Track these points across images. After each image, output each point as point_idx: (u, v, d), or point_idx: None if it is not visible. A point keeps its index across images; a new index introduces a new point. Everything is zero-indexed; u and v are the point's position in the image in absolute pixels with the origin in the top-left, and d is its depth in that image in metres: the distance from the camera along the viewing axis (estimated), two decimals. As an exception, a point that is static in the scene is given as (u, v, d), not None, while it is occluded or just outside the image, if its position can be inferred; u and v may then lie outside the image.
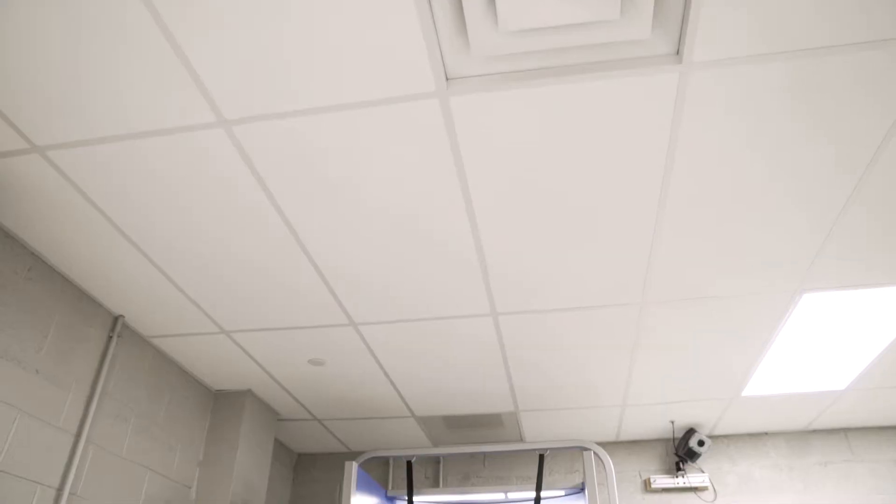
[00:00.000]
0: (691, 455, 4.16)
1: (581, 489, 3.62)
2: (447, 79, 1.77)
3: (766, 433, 4.38)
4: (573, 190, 2.16)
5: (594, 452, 3.20)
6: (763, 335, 3.07)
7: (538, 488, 3.35)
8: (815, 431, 4.33)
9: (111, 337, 2.95)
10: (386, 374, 3.48)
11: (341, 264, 2.58)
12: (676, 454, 4.25)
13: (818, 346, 3.17)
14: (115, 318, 3.00)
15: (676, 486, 4.23)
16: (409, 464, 3.54)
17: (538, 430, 4.30)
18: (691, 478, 4.24)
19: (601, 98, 1.81)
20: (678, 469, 4.26)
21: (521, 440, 4.42)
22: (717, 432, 4.34)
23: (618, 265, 2.57)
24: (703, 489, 4.25)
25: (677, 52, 1.69)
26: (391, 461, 4.67)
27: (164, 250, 2.53)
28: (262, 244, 2.47)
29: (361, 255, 2.52)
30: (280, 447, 4.58)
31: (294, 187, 2.17)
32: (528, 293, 2.75)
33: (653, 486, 4.26)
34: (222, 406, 3.74)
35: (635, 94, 1.79)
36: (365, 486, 3.41)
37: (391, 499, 3.88)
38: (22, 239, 2.49)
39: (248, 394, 3.74)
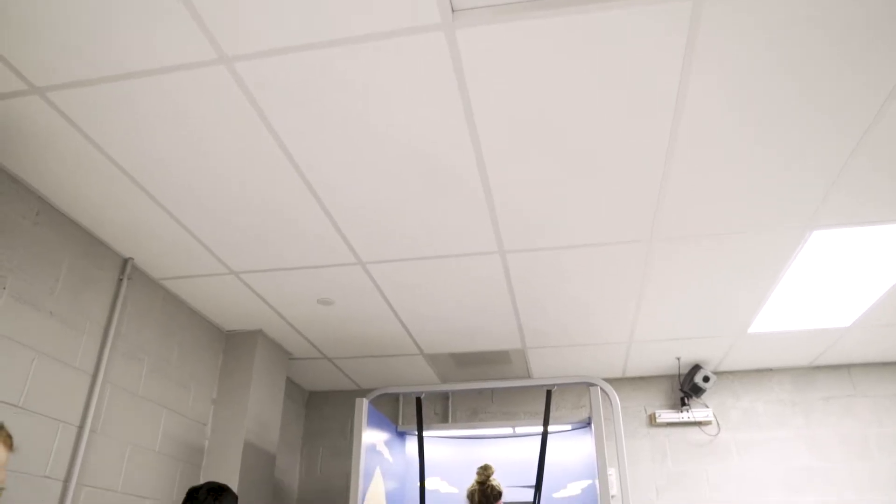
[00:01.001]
0: (696, 391, 4.23)
1: (587, 424, 3.69)
2: (453, 10, 1.71)
3: (771, 369, 4.44)
4: (582, 125, 2.13)
5: (601, 388, 3.25)
6: (771, 272, 3.07)
7: (545, 423, 3.41)
8: (818, 367, 4.38)
9: (121, 279, 2.98)
10: (394, 312, 3.51)
11: (347, 202, 2.57)
12: (682, 390, 4.32)
13: (825, 284, 3.17)
14: (125, 261, 3.02)
15: (681, 420, 4.32)
16: (418, 400, 3.61)
17: (545, 367, 4.36)
18: (696, 412, 4.32)
19: (612, 29, 1.75)
20: (683, 404, 4.34)
21: (529, 377, 4.49)
22: (722, 368, 4.40)
23: (626, 202, 2.55)
24: (707, 423, 4.33)
25: (691, -20, 1.63)
26: (401, 398, 4.77)
27: (170, 191, 2.52)
28: (268, 183, 2.46)
29: (368, 192, 2.50)
30: (292, 385, 4.68)
31: (298, 124, 2.14)
32: (536, 230, 2.74)
33: (658, 420, 4.35)
34: (234, 346, 3.80)
35: (647, 25, 1.74)
36: (376, 422, 3.49)
37: (401, 434, 3.97)
38: (28, 183, 2.49)
39: (258, 334, 3.79)
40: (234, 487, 3.44)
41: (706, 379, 4.15)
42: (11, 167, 2.40)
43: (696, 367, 4.21)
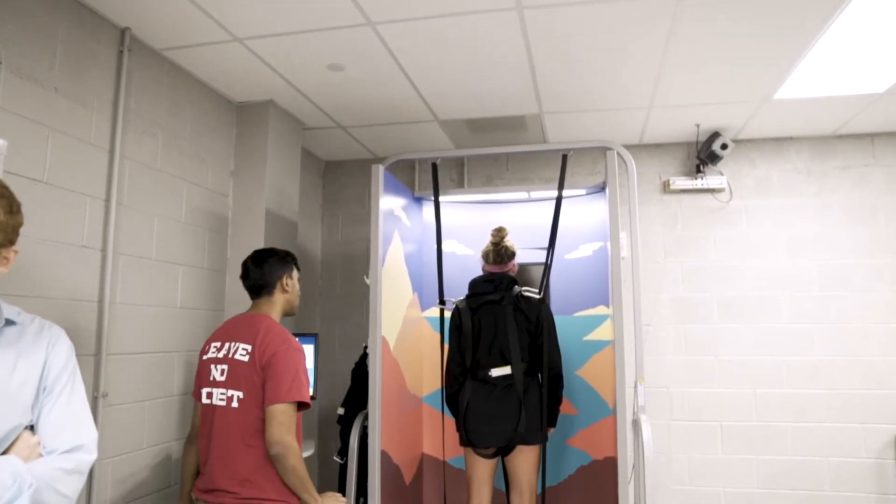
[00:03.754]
0: (712, 158, 4.21)
1: (602, 189, 3.74)
2: None
3: (791, 138, 4.36)
4: None
5: (617, 152, 3.22)
6: (809, 30, 2.84)
7: (560, 187, 3.44)
8: (841, 137, 4.29)
9: (122, 51, 2.85)
10: (406, 75, 3.37)
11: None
12: (698, 157, 4.30)
13: (865, 46, 2.96)
14: (122, 31, 2.87)
15: (694, 187, 4.36)
16: (434, 166, 3.62)
17: (561, 133, 4.31)
18: (710, 180, 4.35)
19: None
20: (698, 171, 4.35)
21: (545, 143, 4.46)
22: (741, 136, 4.32)
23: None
24: (720, 191, 4.38)
25: None
26: (416, 165, 4.81)
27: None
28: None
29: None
30: (308, 156, 4.70)
31: None
32: (557, -7, 2.52)
33: (671, 187, 4.39)
34: (246, 118, 3.76)
35: None
36: (392, 189, 3.55)
37: (418, 200, 4.06)
38: (2, -56, 2.27)
39: (270, 104, 3.72)
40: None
41: (724, 146, 4.10)
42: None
43: (714, 135, 4.14)
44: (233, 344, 2.32)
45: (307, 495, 2.20)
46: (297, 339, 2.34)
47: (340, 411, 3.47)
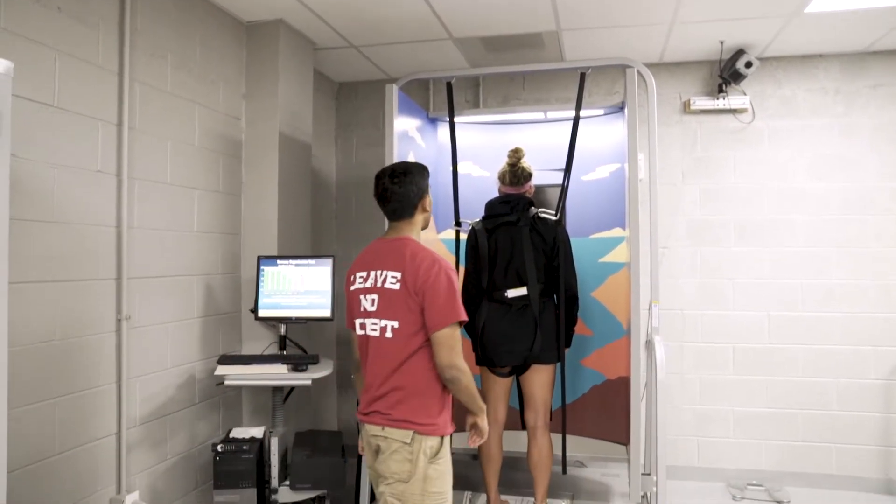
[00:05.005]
0: (736, 77, 4.07)
1: (620, 108, 3.66)
2: None
3: (821, 55, 4.18)
4: None
5: (637, 70, 3.12)
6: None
7: (577, 107, 3.35)
8: (874, 53, 4.12)
9: (125, -32, 2.77)
10: (419, -10, 3.25)
11: None
12: (720, 76, 4.16)
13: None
14: (125, -54, 2.77)
15: (716, 107, 4.24)
16: (448, 85, 3.53)
17: (579, 52, 4.18)
18: (732, 100, 4.22)
19: None
20: (720, 91, 4.21)
21: (562, 61, 4.34)
22: (767, 54, 4.16)
23: None
24: (743, 111, 4.26)
25: None
26: (431, 85, 4.71)
27: None
28: None
29: None
30: (321, 77, 4.61)
31: None
32: None
33: (692, 107, 4.28)
34: (256, 39, 3.66)
35: None
36: (406, 109, 3.49)
37: (433, 121, 4.00)
38: None
39: (280, 24, 3.62)
40: (274, 177, 3.62)
41: (748, 65, 3.95)
42: None
43: (739, 52, 3.98)
44: (380, 272, 2.25)
45: (477, 407, 2.31)
46: (442, 258, 2.24)
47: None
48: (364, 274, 2.29)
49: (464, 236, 3.46)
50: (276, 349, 3.46)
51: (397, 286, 2.18)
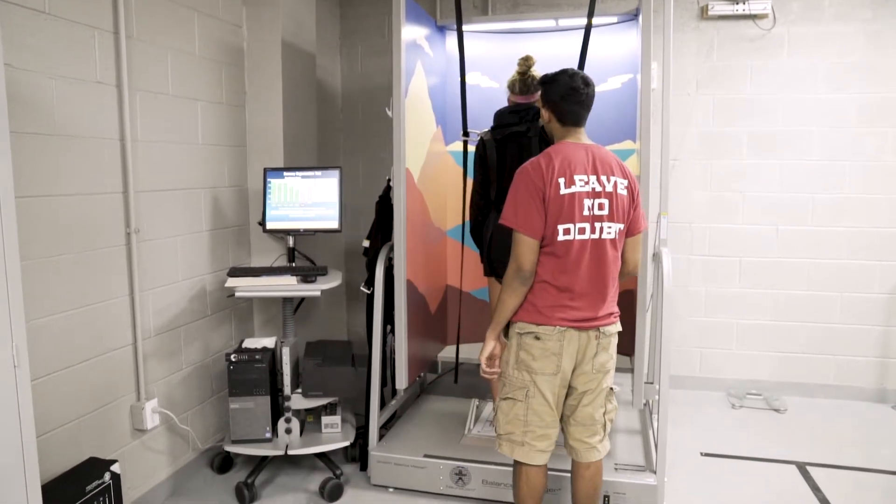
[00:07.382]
0: (758, -21, 3.88)
1: (635, 15, 3.52)
2: None
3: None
4: None
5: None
6: None
7: (590, 14, 3.21)
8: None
9: None
10: None
11: None
12: None
13: None
14: None
15: (735, 13, 4.07)
16: (457, -11, 3.38)
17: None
18: (752, 5, 4.03)
19: None
20: (741, -6, 4.04)
21: (576, -36, 4.14)
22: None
23: None
24: (763, 17, 4.08)
25: None
26: (439, -11, 4.52)
27: None
28: None
29: None
30: (323, -20, 4.43)
31: None
32: None
33: (709, 13, 4.10)
34: (254, -62, 3.50)
35: None
36: (414, 17, 3.36)
37: (441, 29, 3.87)
38: None
39: (279, -78, 3.45)
40: (278, 87, 3.55)
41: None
42: None
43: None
44: (608, 178, 2.27)
45: None
46: None
47: (366, 244, 3.55)
48: (585, 178, 2.25)
49: (471, 148, 3.41)
50: (284, 261, 3.49)
51: (626, 192, 2.32)
